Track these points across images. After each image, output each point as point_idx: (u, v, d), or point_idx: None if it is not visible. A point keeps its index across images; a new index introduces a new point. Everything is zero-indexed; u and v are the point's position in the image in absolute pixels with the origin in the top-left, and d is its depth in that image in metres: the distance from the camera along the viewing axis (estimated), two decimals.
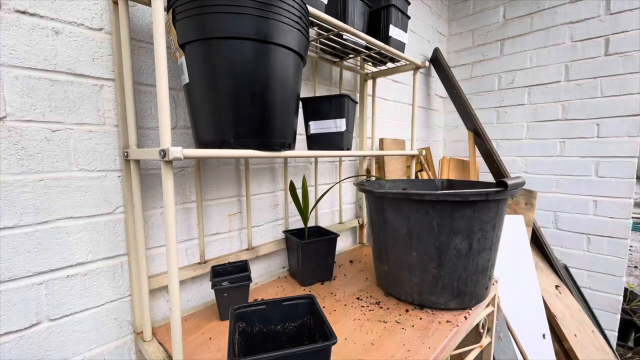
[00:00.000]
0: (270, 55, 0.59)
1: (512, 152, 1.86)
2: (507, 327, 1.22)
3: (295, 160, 1.12)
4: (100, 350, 0.70)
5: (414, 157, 1.28)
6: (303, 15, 0.65)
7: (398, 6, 1.06)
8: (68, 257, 0.64)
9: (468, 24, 2.00)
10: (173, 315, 0.54)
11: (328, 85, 1.23)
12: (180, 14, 0.57)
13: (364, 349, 0.65)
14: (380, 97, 1.55)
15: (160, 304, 0.79)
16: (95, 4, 0.65)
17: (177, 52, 0.61)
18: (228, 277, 0.75)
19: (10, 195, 0.57)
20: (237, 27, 0.56)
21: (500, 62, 1.87)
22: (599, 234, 1.60)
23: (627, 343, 1.85)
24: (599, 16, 1.54)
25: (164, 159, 0.50)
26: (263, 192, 1.03)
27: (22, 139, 0.58)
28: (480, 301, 0.82)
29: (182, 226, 0.83)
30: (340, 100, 0.84)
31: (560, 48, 1.66)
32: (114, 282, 0.71)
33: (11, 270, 0.58)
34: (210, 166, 0.87)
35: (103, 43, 0.66)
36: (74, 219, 0.65)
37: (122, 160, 0.68)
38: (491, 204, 0.73)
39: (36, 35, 0.58)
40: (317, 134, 0.89)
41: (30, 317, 0.60)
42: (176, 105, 0.80)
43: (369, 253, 1.27)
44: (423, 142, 1.98)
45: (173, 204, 0.52)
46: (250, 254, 0.95)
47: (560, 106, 1.68)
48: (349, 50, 1.05)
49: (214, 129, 0.61)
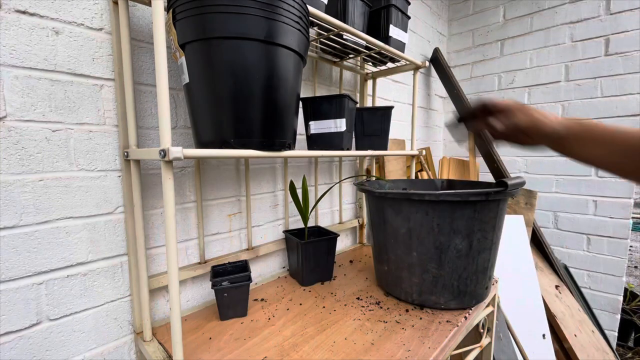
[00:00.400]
0: (270, 55, 0.59)
1: (512, 152, 1.86)
2: (507, 327, 1.22)
3: (296, 160, 1.12)
4: (100, 350, 0.70)
5: (414, 157, 1.28)
6: (303, 15, 0.65)
7: (398, 6, 1.06)
8: (68, 257, 0.64)
9: (468, 24, 2.00)
10: (173, 315, 0.54)
11: (328, 85, 1.23)
12: (180, 14, 0.57)
13: (364, 349, 0.65)
14: (381, 97, 1.55)
15: (160, 304, 0.79)
16: (95, 4, 0.65)
17: (177, 52, 0.61)
18: (228, 277, 0.75)
19: (11, 195, 0.57)
20: (237, 27, 0.56)
21: (500, 62, 1.87)
22: (599, 234, 1.60)
23: (627, 343, 1.85)
24: (599, 16, 1.54)
25: (164, 159, 0.50)
26: (263, 192, 1.03)
27: (22, 139, 0.58)
28: (480, 301, 0.82)
29: (182, 226, 0.83)
30: (340, 100, 0.85)
31: (560, 48, 1.66)
32: (114, 282, 0.71)
33: (11, 270, 0.58)
34: (210, 166, 0.87)
35: (103, 43, 0.66)
36: (74, 218, 0.65)
37: (122, 160, 0.68)
38: (491, 204, 0.73)
39: (36, 35, 0.58)
40: (317, 134, 0.89)
41: (30, 317, 0.60)
42: (176, 105, 0.80)
43: (369, 253, 1.27)
44: (423, 142, 1.98)
45: (173, 204, 0.52)
46: (250, 254, 0.95)
47: (560, 106, 1.68)
48: (349, 50, 1.05)
49: (214, 129, 0.61)
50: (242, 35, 0.56)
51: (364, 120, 1.05)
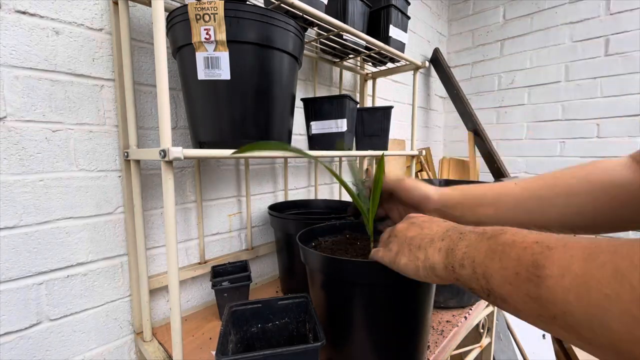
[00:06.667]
0: (266, 58, 0.60)
1: (512, 152, 1.86)
2: (507, 327, 1.22)
3: (296, 160, 1.12)
4: (101, 350, 0.70)
5: (414, 157, 1.28)
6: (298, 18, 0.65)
7: (398, 6, 1.06)
8: (68, 257, 0.64)
9: (468, 24, 2.00)
10: (173, 315, 0.54)
11: (328, 86, 1.23)
12: (175, 18, 0.58)
13: None
14: (381, 97, 1.55)
15: (160, 304, 0.79)
16: (95, 4, 0.65)
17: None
18: (228, 277, 0.75)
19: (11, 195, 0.57)
20: (234, 30, 0.56)
21: (500, 62, 1.87)
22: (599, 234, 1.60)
23: None
24: (599, 16, 1.54)
25: (164, 159, 0.50)
26: (263, 192, 1.03)
27: (23, 139, 0.58)
28: (479, 299, 0.82)
29: (182, 226, 0.83)
30: (341, 101, 0.85)
31: (560, 48, 1.66)
32: (114, 282, 0.71)
33: (11, 271, 0.58)
34: (210, 166, 0.87)
35: (103, 43, 0.66)
36: (74, 219, 0.65)
37: (122, 160, 0.68)
38: None
39: (36, 35, 0.58)
40: (319, 134, 0.89)
41: (30, 317, 0.60)
42: (176, 105, 0.80)
43: None
44: (423, 142, 1.98)
45: (173, 204, 0.52)
46: (250, 254, 0.95)
47: (560, 106, 1.68)
48: (349, 51, 1.05)
49: (212, 130, 0.61)
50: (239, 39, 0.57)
51: (364, 120, 1.05)
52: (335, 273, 0.48)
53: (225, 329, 0.47)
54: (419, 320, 0.50)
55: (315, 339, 0.46)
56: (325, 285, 0.51)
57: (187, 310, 0.82)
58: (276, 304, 0.56)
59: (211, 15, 0.54)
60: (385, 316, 0.47)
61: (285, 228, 0.80)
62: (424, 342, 0.53)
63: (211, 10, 0.54)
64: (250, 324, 0.55)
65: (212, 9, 0.54)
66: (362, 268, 0.45)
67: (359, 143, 1.09)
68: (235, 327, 0.54)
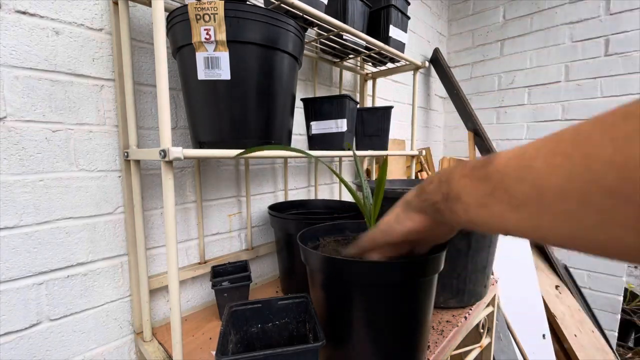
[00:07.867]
0: (266, 58, 0.60)
1: None
2: (507, 327, 1.22)
3: (296, 160, 1.12)
4: (101, 351, 0.70)
5: (414, 158, 1.28)
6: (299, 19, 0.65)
7: (398, 6, 1.06)
8: (68, 257, 0.64)
9: (468, 24, 2.00)
10: (173, 315, 0.54)
11: (328, 86, 1.23)
12: (175, 18, 0.58)
13: None
14: (381, 97, 1.55)
15: (160, 304, 0.79)
16: (95, 4, 0.65)
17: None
18: (228, 277, 0.75)
19: (11, 195, 0.57)
20: (234, 30, 0.56)
21: (500, 62, 1.87)
22: None
23: (627, 343, 1.85)
24: (599, 16, 1.55)
25: (164, 159, 0.50)
26: (263, 192, 1.03)
27: (23, 139, 0.58)
28: (479, 299, 0.82)
29: (182, 226, 0.83)
30: (341, 101, 0.85)
31: (560, 48, 1.66)
32: (114, 282, 0.71)
33: (11, 271, 0.58)
34: (210, 166, 0.87)
35: (103, 43, 0.66)
36: (74, 219, 0.65)
37: (122, 160, 0.68)
38: None
39: (36, 35, 0.58)
40: (319, 134, 0.89)
41: (30, 317, 0.60)
42: (176, 105, 0.80)
43: None
44: (423, 142, 1.98)
45: (173, 204, 0.52)
46: (250, 254, 0.95)
47: (560, 106, 1.68)
48: (349, 51, 1.05)
49: (212, 130, 0.61)
50: (240, 39, 0.57)
51: (364, 120, 1.05)
52: (335, 273, 0.48)
53: (225, 329, 0.47)
54: (419, 320, 0.50)
55: (315, 339, 0.46)
56: (326, 285, 0.51)
57: (187, 310, 0.82)
58: (276, 304, 0.56)
59: (211, 15, 0.54)
60: (385, 316, 0.47)
61: (285, 228, 0.80)
62: (424, 342, 0.53)
63: (211, 11, 0.54)
64: (250, 324, 0.55)
65: (212, 9, 0.54)
66: (363, 268, 0.45)
67: (358, 143, 1.09)
68: (235, 327, 0.54)
